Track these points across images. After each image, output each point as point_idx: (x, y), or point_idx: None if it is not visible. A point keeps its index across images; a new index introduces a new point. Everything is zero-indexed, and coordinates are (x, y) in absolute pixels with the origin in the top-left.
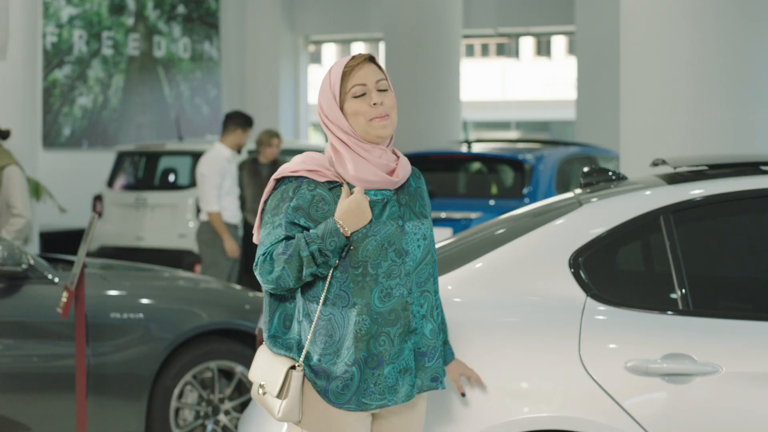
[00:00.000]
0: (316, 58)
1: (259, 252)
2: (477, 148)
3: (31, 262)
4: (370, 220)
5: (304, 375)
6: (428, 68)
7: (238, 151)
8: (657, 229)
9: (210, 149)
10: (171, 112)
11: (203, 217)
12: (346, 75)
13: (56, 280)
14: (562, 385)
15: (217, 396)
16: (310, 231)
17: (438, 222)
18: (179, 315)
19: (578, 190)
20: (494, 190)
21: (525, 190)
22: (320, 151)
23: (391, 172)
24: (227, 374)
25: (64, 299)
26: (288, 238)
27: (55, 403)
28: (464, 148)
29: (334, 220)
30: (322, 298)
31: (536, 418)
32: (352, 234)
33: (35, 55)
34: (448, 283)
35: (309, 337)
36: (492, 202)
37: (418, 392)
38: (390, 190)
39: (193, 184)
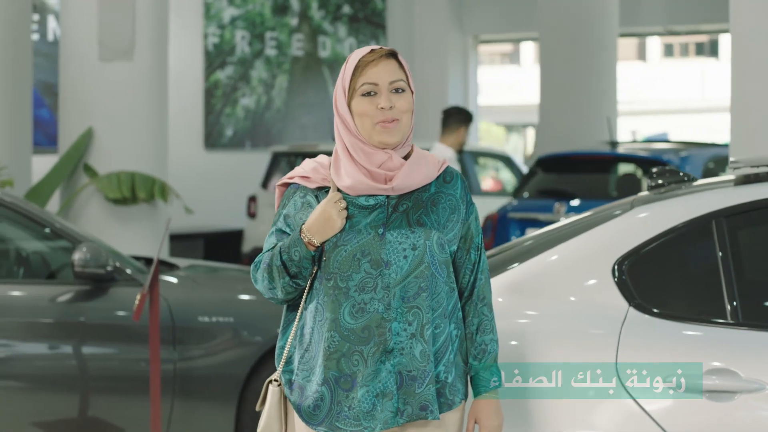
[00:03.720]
0: (514, 59)
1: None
2: (623, 149)
3: (118, 264)
4: (342, 229)
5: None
6: (582, 68)
7: (460, 150)
8: (708, 235)
9: (430, 151)
10: None
11: None
12: (358, 70)
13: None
14: (598, 402)
15: None
16: (284, 240)
17: None
18: (271, 319)
19: (643, 192)
20: (639, 191)
21: None
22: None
23: (389, 180)
24: None
25: (137, 301)
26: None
27: (147, 405)
28: (609, 149)
29: (299, 229)
30: (300, 310)
31: None
32: (324, 243)
33: (163, 57)
34: None
35: (286, 350)
36: None
37: (407, 420)
38: (384, 196)
39: None
